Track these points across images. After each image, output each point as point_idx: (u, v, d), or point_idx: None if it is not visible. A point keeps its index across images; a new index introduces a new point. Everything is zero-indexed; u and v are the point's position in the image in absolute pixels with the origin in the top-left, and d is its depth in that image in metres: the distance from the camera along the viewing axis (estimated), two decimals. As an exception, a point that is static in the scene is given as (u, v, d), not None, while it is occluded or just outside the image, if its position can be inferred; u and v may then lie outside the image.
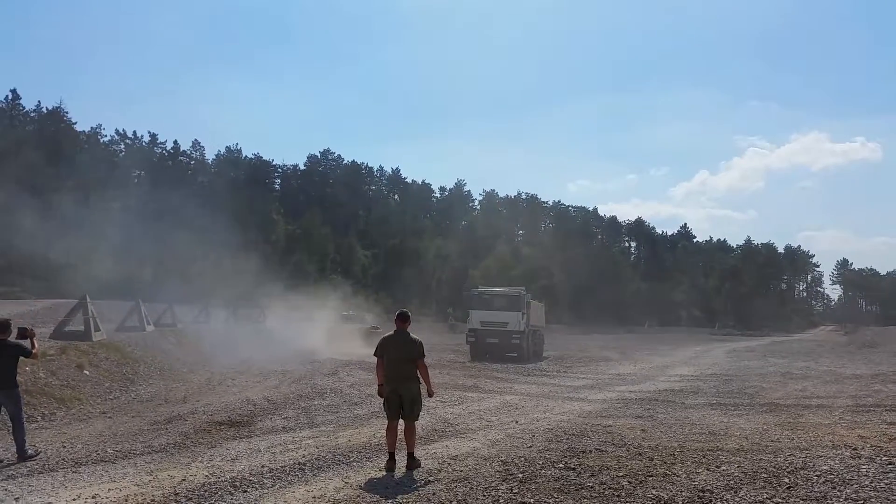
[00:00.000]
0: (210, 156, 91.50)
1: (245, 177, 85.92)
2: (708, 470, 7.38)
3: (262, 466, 7.47)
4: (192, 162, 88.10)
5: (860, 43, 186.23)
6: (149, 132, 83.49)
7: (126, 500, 6.14)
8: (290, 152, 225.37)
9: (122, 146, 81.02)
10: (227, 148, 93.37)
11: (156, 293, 31.21)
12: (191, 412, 11.70)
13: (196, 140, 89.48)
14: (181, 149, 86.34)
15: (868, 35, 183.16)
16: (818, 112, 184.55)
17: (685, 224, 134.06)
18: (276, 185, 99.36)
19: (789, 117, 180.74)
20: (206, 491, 6.47)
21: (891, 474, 7.07)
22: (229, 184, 78.25)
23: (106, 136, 79.24)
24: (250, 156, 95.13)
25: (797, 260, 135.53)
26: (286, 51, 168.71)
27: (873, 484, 6.67)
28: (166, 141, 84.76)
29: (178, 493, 6.36)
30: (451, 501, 6.11)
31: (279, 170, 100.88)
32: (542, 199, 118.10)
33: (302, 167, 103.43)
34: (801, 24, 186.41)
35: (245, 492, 6.49)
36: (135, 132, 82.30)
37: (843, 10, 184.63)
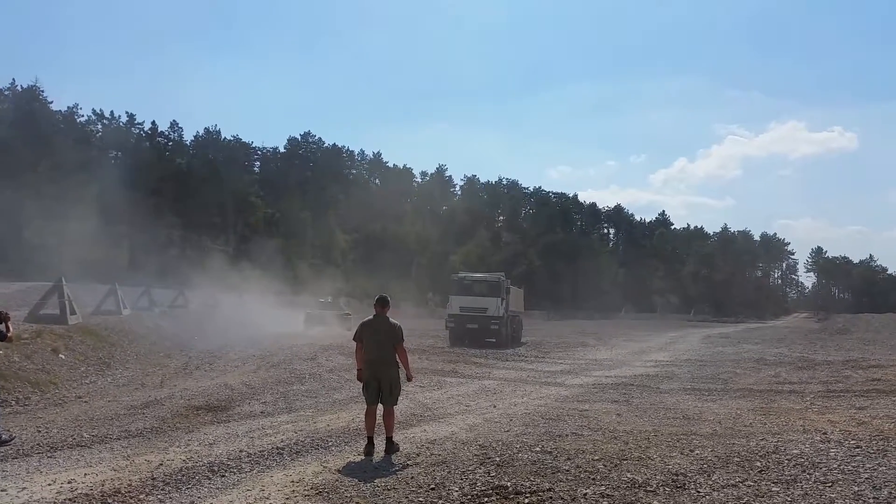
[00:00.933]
0: (188, 137, 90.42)
1: (224, 158, 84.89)
2: (682, 454, 7.51)
3: (240, 451, 7.47)
4: (170, 143, 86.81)
5: (838, 33, 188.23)
6: (126, 112, 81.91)
7: (102, 485, 6.11)
8: (270, 135, 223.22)
9: (100, 126, 79.54)
10: (206, 129, 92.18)
11: (132, 276, 30.95)
12: (168, 397, 11.65)
13: (174, 121, 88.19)
14: (159, 129, 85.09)
15: (846, 26, 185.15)
16: (796, 101, 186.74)
17: (663, 211, 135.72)
18: (255, 168, 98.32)
19: (768, 106, 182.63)
20: (183, 475, 6.47)
21: (858, 457, 7.24)
22: (207, 165, 77.37)
23: (83, 115, 77.76)
24: (229, 137, 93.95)
25: (772, 248, 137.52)
26: (267, 32, 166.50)
27: (841, 467, 6.83)
28: (144, 121, 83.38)
29: (155, 478, 6.35)
30: (430, 485, 6.16)
31: (259, 152, 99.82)
32: (523, 185, 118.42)
33: (282, 150, 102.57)
34: (780, 13, 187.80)
35: (223, 476, 6.50)
36: (112, 112, 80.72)
37: (821, 1, 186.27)
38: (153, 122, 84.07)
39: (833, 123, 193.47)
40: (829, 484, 6.24)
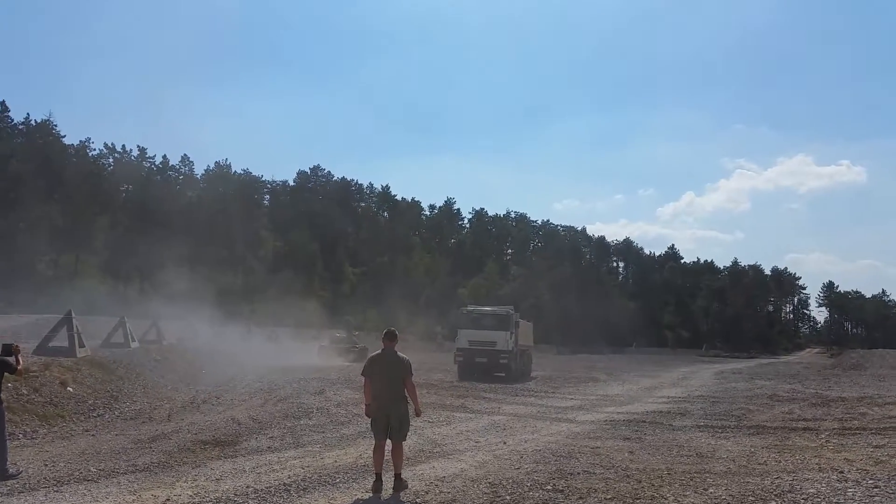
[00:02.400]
0: (199, 171, 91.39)
1: (234, 192, 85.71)
2: (696, 492, 7.37)
3: (247, 487, 7.38)
4: (181, 177, 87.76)
5: (844, 68, 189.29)
6: (138, 146, 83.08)
7: (108, 521, 6.03)
8: (279, 168, 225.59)
9: (111, 160, 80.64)
10: (217, 163, 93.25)
11: (142, 309, 31.04)
12: (175, 431, 11.57)
13: (185, 155, 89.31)
14: (170, 163, 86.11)
15: (852, 60, 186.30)
16: (804, 135, 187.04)
17: (672, 245, 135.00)
18: (265, 201, 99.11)
19: (775, 140, 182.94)
20: (190, 512, 6.39)
21: (876, 497, 7.10)
22: (218, 199, 78.05)
23: (95, 149, 78.95)
24: (239, 171, 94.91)
25: (784, 282, 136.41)
26: (277, 66, 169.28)
27: (860, 507, 6.70)
28: (155, 155, 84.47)
29: (161, 514, 6.26)
30: (439, 524, 6.05)
31: (268, 186, 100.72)
32: (531, 219, 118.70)
33: (291, 183, 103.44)
34: (786, 48, 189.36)
35: (230, 513, 6.41)
36: (124, 146, 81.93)
37: (827, 35, 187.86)
38: (164, 156, 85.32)
39: (841, 157, 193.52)
40: (848, 525, 6.10)
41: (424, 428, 12.16)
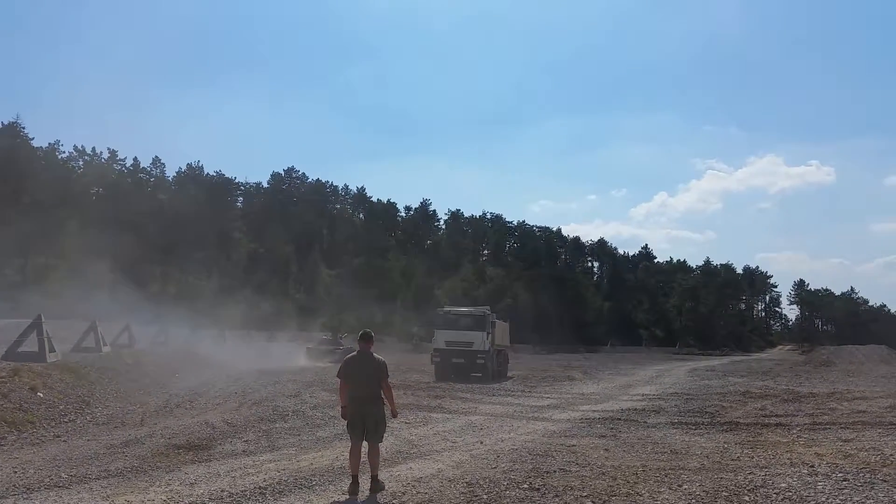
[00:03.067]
0: (171, 173, 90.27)
1: (206, 194, 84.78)
2: (670, 489, 7.46)
3: (222, 491, 7.30)
4: (153, 179, 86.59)
5: (814, 70, 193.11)
6: (108, 148, 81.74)
7: (79, 528, 5.92)
8: (253, 170, 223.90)
9: (81, 162, 79.26)
10: (189, 165, 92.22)
11: (113, 313, 30.52)
12: (148, 435, 11.41)
13: (157, 156, 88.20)
14: (141, 165, 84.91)
15: (821, 62, 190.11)
16: (774, 136, 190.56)
17: (646, 245, 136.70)
18: (238, 203, 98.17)
19: (746, 141, 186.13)
20: (163, 517, 6.30)
21: (846, 490, 7.25)
22: (190, 201, 77.09)
23: (64, 151, 77.54)
24: (212, 173, 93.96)
25: (755, 280, 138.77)
26: (251, 68, 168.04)
27: (829, 500, 6.85)
28: (126, 157, 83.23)
29: (134, 520, 6.17)
30: (416, 524, 6.05)
31: (242, 187, 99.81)
32: (507, 220, 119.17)
33: (265, 185, 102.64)
34: (756, 51, 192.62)
35: (204, 517, 6.34)
36: (94, 148, 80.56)
37: (797, 38, 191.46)
38: (135, 158, 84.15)
39: (810, 158, 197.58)
40: (818, 518, 6.22)
41: (401, 429, 12.14)
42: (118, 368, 19.50)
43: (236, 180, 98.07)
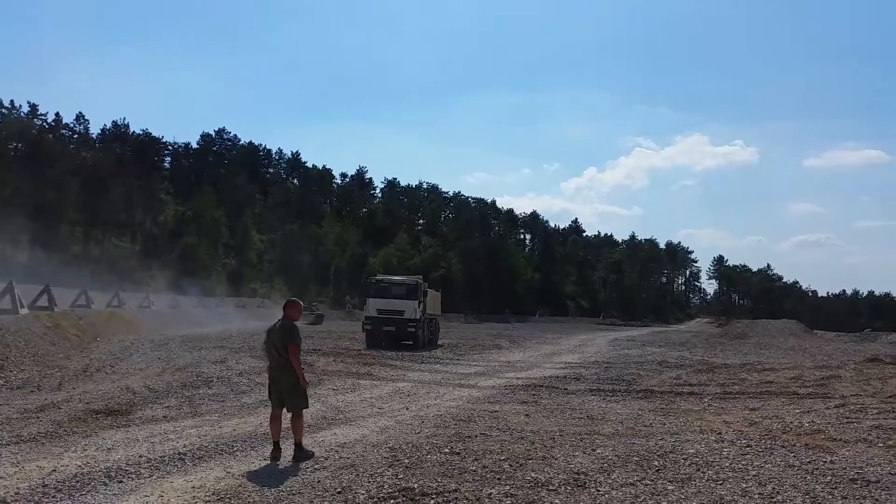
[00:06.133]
0: (95, 130, 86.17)
1: (132, 154, 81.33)
2: (584, 453, 7.78)
3: (140, 456, 7.19)
4: (76, 136, 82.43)
5: (741, 52, 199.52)
6: (28, 102, 77.10)
7: (-14, 495, 5.76)
8: (181, 130, 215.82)
9: (-1, 117, 74.54)
10: (114, 122, 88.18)
11: (32, 274, 29.18)
12: (66, 400, 11.07)
13: (80, 113, 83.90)
14: (63, 121, 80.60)
15: (748, 45, 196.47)
16: (700, 116, 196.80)
17: (576, 218, 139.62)
18: (165, 164, 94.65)
19: (674, 120, 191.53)
20: (77, 482, 6.17)
21: (748, 456, 7.72)
22: (114, 160, 73.79)
23: (-21, 105, 72.61)
24: (138, 131, 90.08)
25: (677, 255, 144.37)
26: (180, 21, 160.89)
27: (732, 465, 7.26)
28: (47, 112, 78.78)
29: (46, 485, 6.02)
30: (336, 489, 6.13)
31: (169, 147, 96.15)
32: (443, 190, 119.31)
33: (195, 146, 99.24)
34: (687, 32, 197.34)
35: (120, 482, 6.24)
36: (12, 101, 75.77)
37: (726, 21, 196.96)
38: (57, 114, 79.79)
39: (735, 138, 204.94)
40: (721, 482, 6.61)
41: (328, 395, 12.19)
42: (36, 331, 18.72)
43: (164, 140, 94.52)
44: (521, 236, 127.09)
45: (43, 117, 78.09)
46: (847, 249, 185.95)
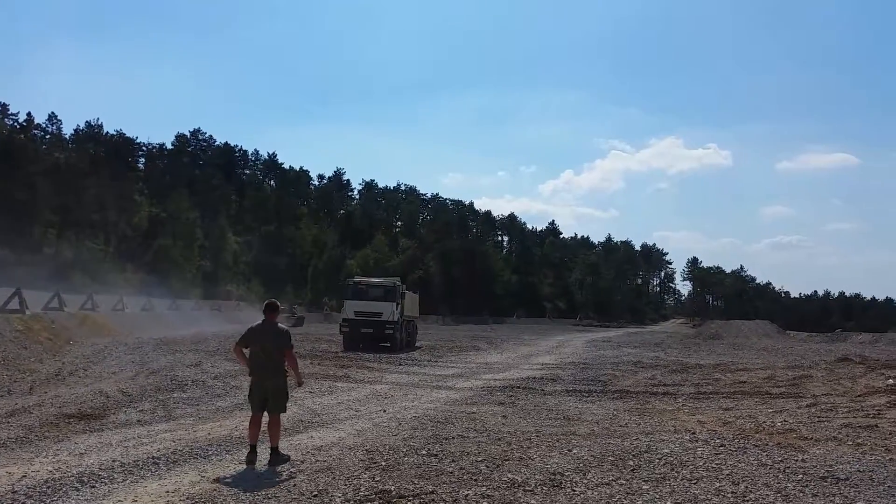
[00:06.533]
0: (68, 130, 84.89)
1: (106, 154, 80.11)
2: (560, 453, 7.84)
3: (113, 461, 7.10)
4: (48, 136, 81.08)
5: (715, 56, 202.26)
6: (-1, 102, 75.86)
7: (-46, 502, 5.65)
8: (156, 130, 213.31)
9: (-33, 115, 73.04)
10: (87, 123, 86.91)
11: (2, 276, 28.59)
12: (37, 404, 10.90)
13: (52, 113, 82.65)
14: (35, 121, 79.28)
15: (722, 49, 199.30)
16: (675, 119, 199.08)
17: (553, 220, 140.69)
18: (139, 165, 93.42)
19: (648, 123, 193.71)
20: (49, 487, 6.08)
21: (721, 455, 7.82)
22: (88, 161, 72.59)
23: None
24: (112, 132, 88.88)
25: (652, 257, 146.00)
26: (155, 20, 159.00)
27: (706, 464, 7.35)
28: (18, 112, 77.44)
29: (16, 491, 5.92)
30: (312, 492, 6.10)
31: (144, 148, 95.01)
32: (421, 192, 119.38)
33: (169, 146, 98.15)
34: (662, 35, 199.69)
35: (93, 487, 6.16)
36: (-19, 102, 74.42)
37: (700, 24, 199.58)
38: (28, 114, 78.46)
39: (709, 141, 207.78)
40: (695, 481, 6.69)
41: (305, 398, 12.13)
42: (6, 334, 18.38)
43: (138, 140, 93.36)
44: (499, 238, 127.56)
45: (14, 117, 76.81)
46: (819, 251, 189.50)
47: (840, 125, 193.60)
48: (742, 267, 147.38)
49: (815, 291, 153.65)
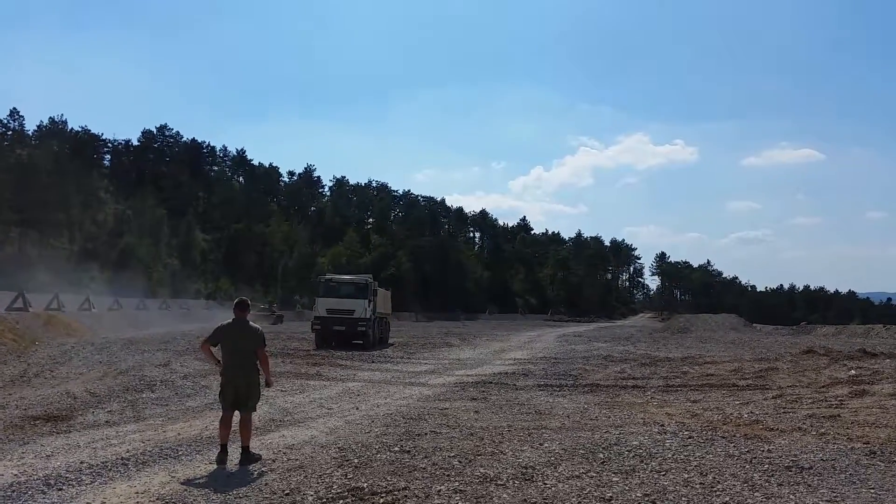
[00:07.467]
0: (30, 126, 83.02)
1: (70, 151, 78.48)
2: (532, 447, 7.92)
3: (81, 463, 6.99)
4: (10, 132, 79.15)
5: (683, 54, 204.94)
6: (-41, 98, 74.00)
7: (-86, 508, 5.52)
8: (121, 126, 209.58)
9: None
10: (51, 118, 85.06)
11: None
12: (1, 406, 10.69)
13: (14, 108, 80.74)
14: (-3, 118, 77.44)
15: (690, 48, 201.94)
16: (643, 116, 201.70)
17: (524, 217, 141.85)
18: (105, 161, 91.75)
19: (617, 120, 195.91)
20: (14, 491, 5.97)
21: (689, 447, 7.96)
22: (51, 157, 71.06)
23: None
24: (76, 128, 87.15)
25: (621, 252, 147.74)
26: (123, 16, 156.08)
27: (675, 456, 7.49)
28: (-21, 108, 75.64)
29: (-21, 496, 5.82)
30: (284, 491, 6.07)
31: (109, 144, 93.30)
32: (392, 188, 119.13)
33: (135, 143, 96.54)
34: (632, 34, 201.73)
35: (60, 490, 6.06)
36: (-60, 96, 72.49)
37: (669, 23, 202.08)
38: (-10, 109, 76.62)
39: (676, 137, 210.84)
40: (664, 472, 6.80)
41: (276, 397, 12.05)
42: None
43: (103, 136, 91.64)
44: (471, 234, 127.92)
45: (-26, 113, 74.97)
46: (784, 245, 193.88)
47: (805, 122, 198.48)
48: (709, 261, 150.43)
49: (781, 285, 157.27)
